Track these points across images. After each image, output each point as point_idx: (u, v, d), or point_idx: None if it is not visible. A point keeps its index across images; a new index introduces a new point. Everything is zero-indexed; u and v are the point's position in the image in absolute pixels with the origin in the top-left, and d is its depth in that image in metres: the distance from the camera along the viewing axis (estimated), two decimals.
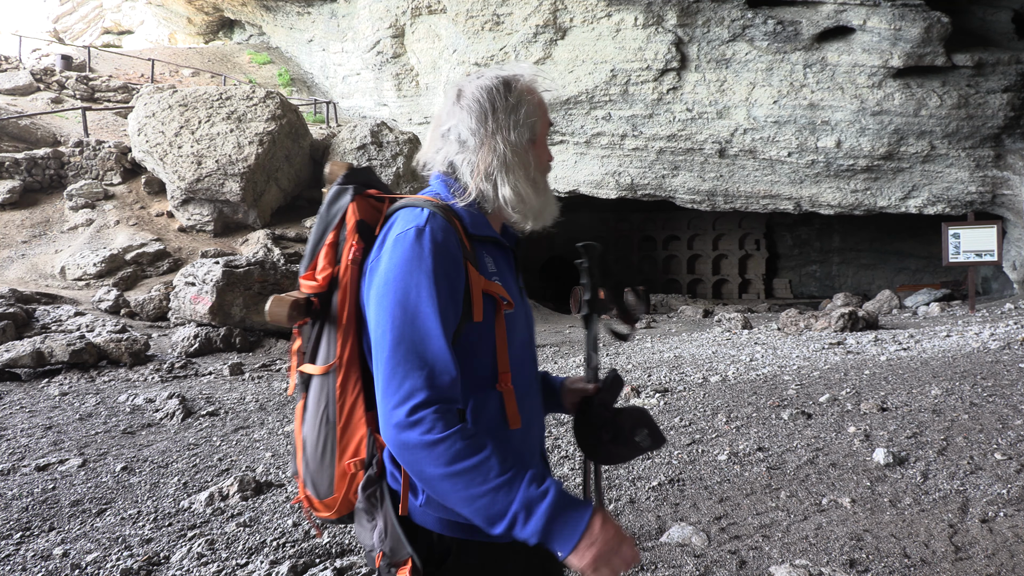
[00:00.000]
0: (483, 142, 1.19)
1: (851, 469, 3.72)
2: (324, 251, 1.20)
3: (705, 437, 4.54)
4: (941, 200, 14.43)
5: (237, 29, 27.33)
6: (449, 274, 1.10)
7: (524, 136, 1.20)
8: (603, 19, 14.23)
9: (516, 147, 1.20)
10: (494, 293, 1.14)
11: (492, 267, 1.19)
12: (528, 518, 0.99)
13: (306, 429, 1.21)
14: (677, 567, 2.74)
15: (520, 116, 1.20)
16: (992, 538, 2.80)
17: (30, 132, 14.95)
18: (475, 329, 1.13)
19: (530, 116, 1.21)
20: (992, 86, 12.80)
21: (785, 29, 13.09)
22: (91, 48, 22.34)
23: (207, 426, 5.29)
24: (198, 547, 3.01)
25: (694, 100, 14.54)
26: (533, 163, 1.23)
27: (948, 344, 7.60)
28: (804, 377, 6.28)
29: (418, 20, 17.24)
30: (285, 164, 14.79)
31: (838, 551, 2.80)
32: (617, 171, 16.12)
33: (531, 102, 1.21)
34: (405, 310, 1.07)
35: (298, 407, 1.25)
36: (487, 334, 1.14)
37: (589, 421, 1.28)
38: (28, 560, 2.94)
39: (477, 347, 1.14)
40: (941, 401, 4.94)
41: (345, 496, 1.17)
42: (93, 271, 11.52)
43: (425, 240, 1.10)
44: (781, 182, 15.35)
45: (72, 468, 4.23)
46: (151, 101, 14.39)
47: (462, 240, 1.14)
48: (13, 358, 6.90)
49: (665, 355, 8.43)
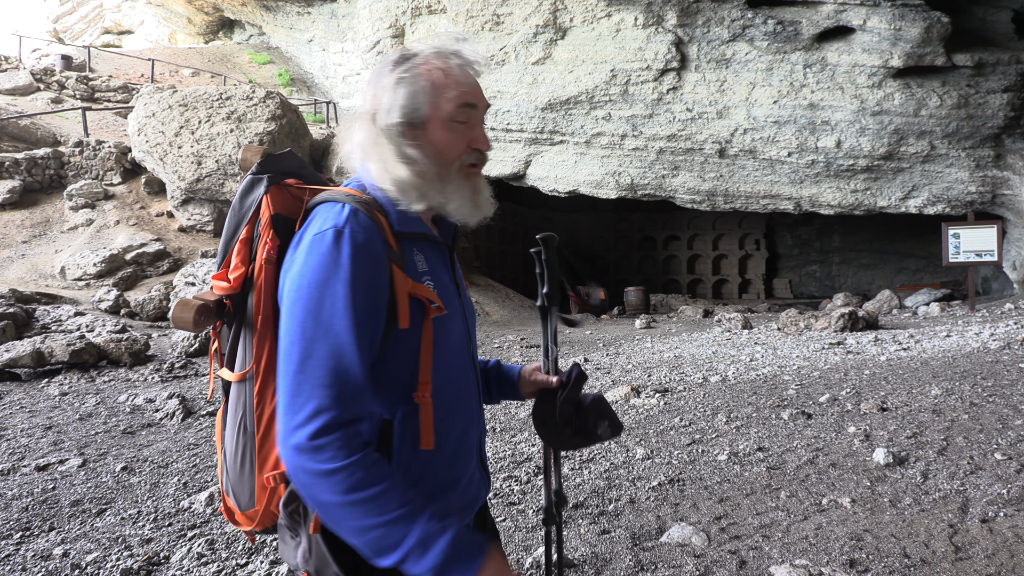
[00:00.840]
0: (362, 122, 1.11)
1: (851, 469, 3.72)
2: (237, 248, 1.10)
3: (705, 437, 4.54)
4: (941, 200, 14.43)
5: (237, 29, 27.32)
6: (371, 282, 1.00)
7: (394, 117, 1.07)
8: (603, 19, 14.23)
9: (388, 128, 1.08)
10: (422, 296, 1.05)
11: (423, 266, 1.10)
12: (424, 554, 0.93)
13: (225, 437, 1.14)
14: (677, 567, 2.74)
15: (398, 96, 1.07)
16: (992, 538, 2.80)
17: (30, 132, 14.95)
18: (400, 336, 1.04)
19: (414, 97, 1.07)
20: (992, 86, 12.80)
21: (785, 29, 13.08)
22: (91, 48, 22.34)
23: (207, 426, 5.29)
24: (198, 547, 3.01)
25: (694, 100, 14.53)
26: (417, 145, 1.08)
27: (948, 344, 7.60)
28: (804, 377, 6.28)
29: (418, 20, 17.23)
30: None
31: (838, 551, 2.80)
32: (617, 171, 16.11)
33: (420, 81, 1.07)
34: (317, 322, 0.97)
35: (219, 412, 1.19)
36: (414, 340, 1.05)
37: (551, 414, 1.28)
38: (28, 560, 2.94)
39: (402, 354, 1.05)
40: (941, 401, 4.94)
41: (266, 509, 1.09)
42: (93, 271, 11.52)
43: (344, 243, 0.99)
44: (781, 182, 15.35)
45: (72, 468, 4.23)
46: (151, 101, 14.39)
47: (387, 239, 1.04)
48: (13, 358, 6.90)
49: (665, 355, 8.43)
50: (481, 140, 1.12)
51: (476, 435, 1.21)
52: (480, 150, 1.12)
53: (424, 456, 1.07)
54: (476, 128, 1.12)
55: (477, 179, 1.14)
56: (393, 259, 1.04)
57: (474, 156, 1.12)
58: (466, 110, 1.09)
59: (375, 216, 1.05)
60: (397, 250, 1.06)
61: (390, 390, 1.06)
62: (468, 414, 1.17)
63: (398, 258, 1.05)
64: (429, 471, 1.09)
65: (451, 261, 1.21)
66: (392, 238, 1.06)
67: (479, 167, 1.14)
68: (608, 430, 1.31)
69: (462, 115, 1.09)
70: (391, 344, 1.05)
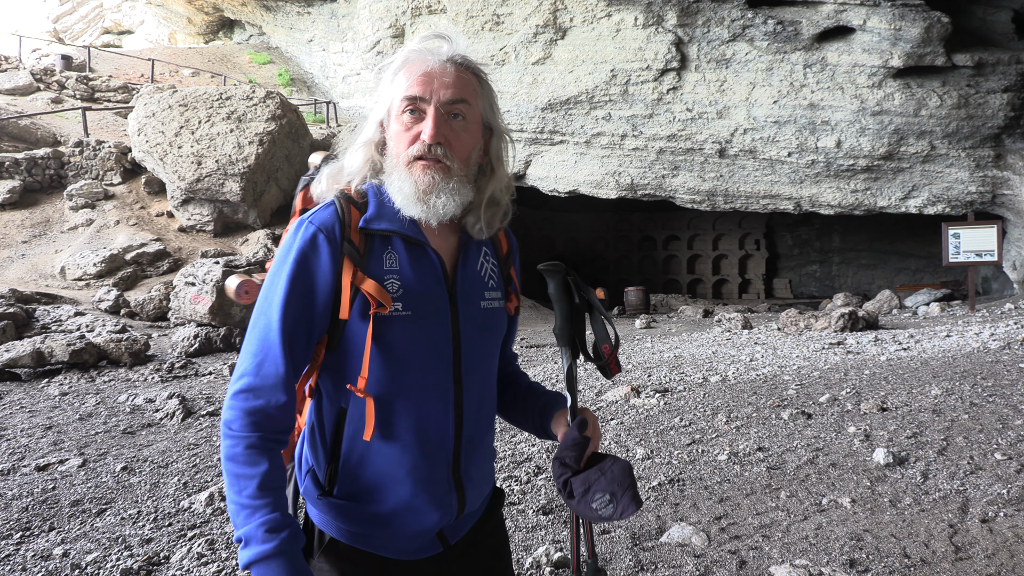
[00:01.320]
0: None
1: (851, 469, 3.72)
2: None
3: (705, 437, 4.54)
4: (941, 200, 14.43)
5: (237, 29, 27.33)
6: (309, 270, 1.07)
7: (370, 118, 1.17)
8: (603, 19, 14.23)
9: (365, 127, 1.17)
10: (366, 292, 1.07)
11: (392, 263, 1.11)
12: (244, 548, 1.00)
13: None
14: (677, 567, 2.74)
15: (374, 98, 1.17)
16: (992, 538, 2.80)
17: (30, 132, 14.95)
18: (352, 328, 1.08)
19: (381, 96, 1.15)
20: (992, 86, 12.80)
21: (785, 29, 13.09)
22: (91, 48, 22.34)
23: (207, 426, 5.29)
24: (198, 547, 3.01)
25: (694, 100, 14.54)
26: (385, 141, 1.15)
27: (948, 344, 7.60)
28: (804, 377, 6.28)
29: (418, 20, 17.23)
30: (285, 164, 14.79)
31: (838, 551, 2.80)
32: (617, 171, 16.12)
33: (385, 77, 1.15)
34: (265, 298, 1.09)
35: None
36: (363, 335, 1.08)
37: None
38: (28, 560, 2.94)
39: (354, 348, 1.09)
40: (941, 401, 4.94)
41: None
42: (93, 271, 11.52)
43: (299, 233, 1.09)
44: (781, 182, 15.35)
45: (72, 468, 4.23)
46: (151, 101, 14.39)
47: (347, 234, 1.09)
48: (13, 358, 6.90)
49: (665, 355, 8.43)
50: (425, 131, 1.09)
51: (443, 443, 1.15)
52: (424, 141, 1.09)
53: (363, 446, 1.11)
54: (426, 120, 1.10)
55: (423, 173, 1.09)
56: (348, 253, 1.08)
57: (417, 148, 1.09)
58: (414, 102, 1.10)
59: (345, 211, 1.11)
60: (359, 245, 1.10)
61: (344, 380, 1.11)
62: (429, 419, 1.13)
63: (354, 252, 1.09)
64: (368, 462, 1.12)
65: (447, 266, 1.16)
66: (355, 233, 1.10)
67: (426, 160, 1.09)
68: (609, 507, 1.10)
69: (410, 106, 1.10)
70: (345, 335, 1.09)
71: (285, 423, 1.08)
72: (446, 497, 1.16)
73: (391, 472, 1.12)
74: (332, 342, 1.10)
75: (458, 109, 1.11)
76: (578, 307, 1.23)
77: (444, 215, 1.11)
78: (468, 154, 1.14)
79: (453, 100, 1.10)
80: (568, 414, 1.22)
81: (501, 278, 1.25)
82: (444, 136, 1.10)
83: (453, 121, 1.11)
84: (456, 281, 1.17)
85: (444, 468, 1.15)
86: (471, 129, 1.14)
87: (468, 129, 1.13)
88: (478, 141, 1.17)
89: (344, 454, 1.12)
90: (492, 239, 1.26)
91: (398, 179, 1.11)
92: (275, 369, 1.05)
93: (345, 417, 1.11)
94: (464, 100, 1.11)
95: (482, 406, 1.21)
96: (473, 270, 1.19)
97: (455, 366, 1.15)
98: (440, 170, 1.09)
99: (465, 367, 1.16)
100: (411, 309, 1.10)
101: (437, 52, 1.12)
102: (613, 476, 1.11)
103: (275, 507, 1.02)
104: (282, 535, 1.00)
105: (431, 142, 1.08)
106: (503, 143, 1.22)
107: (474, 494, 1.21)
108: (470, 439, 1.18)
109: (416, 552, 1.16)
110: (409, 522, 1.13)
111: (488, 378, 1.22)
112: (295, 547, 1.02)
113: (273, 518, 1.01)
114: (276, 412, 1.06)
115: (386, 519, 1.13)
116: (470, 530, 1.24)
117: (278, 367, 1.05)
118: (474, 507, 1.23)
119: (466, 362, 1.16)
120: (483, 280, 1.21)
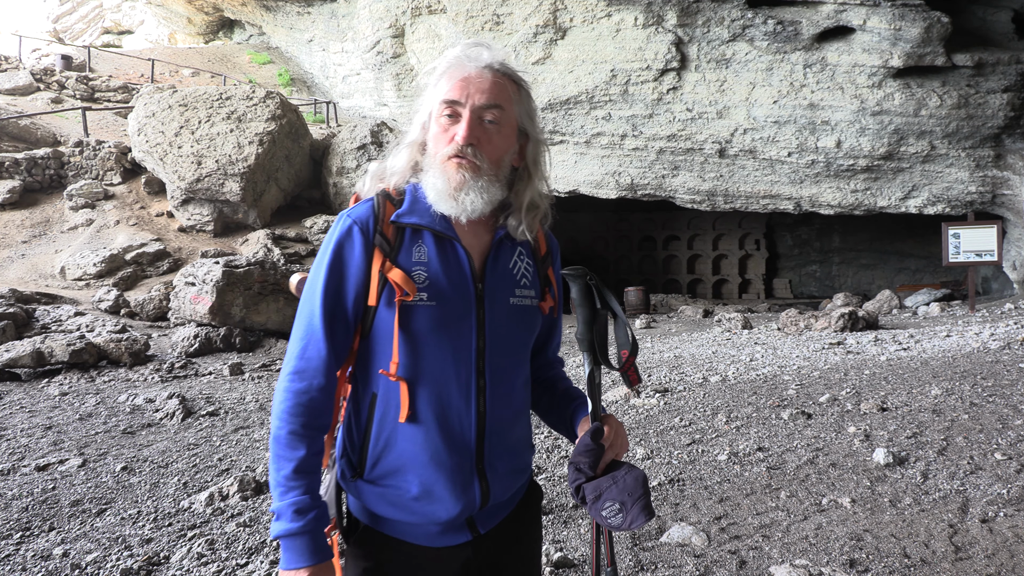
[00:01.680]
0: None
1: (851, 469, 3.72)
2: None
3: (705, 437, 4.54)
4: (941, 200, 14.42)
5: (237, 29, 27.33)
6: (345, 262, 1.17)
7: (415, 121, 1.25)
8: (603, 19, 14.22)
9: (411, 129, 1.26)
10: (392, 280, 1.14)
11: (421, 256, 1.18)
12: (275, 521, 1.11)
13: None
14: (677, 567, 2.74)
15: (419, 102, 1.26)
16: (992, 538, 2.80)
17: (30, 132, 14.95)
18: (381, 315, 1.16)
19: (425, 100, 1.24)
20: (992, 86, 12.79)
21: (785, 29, 13.08)
22: (91, 48, 22.34)
23: (207, 426, 5.29)
24: (198, 547, 3.01)
25: (694, 100, 14.53)
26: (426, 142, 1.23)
27: (948, 344, 7.60)
28: (804, 377, 6.28)
29: (418, 20, 17.23)
30: (285, 164, 14.79)
31: (838, 551, 2.79)
32: (617, 171, 16.11)
33: (431, 85, 1.23)
34: (309, 287, 1.19)
35: None
36: (391, 322, 1.16)
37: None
38: (28, 560, 2.94)
39: (383, 335, 1.17)
40: (941, 401, 4.94)
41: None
42: (93, 271, 11.52)
43: (338, 226, 1.19)
44: (781, 182, 15.35)
45: (72, 468, 4.23)
46: (151, 101, 14.39)
47: (379, 227, 1.18)
48: (13, 358, 6.90)
49: (665, 355, 8.43)
50: (459, 133, 1.16)
51: (464, 433, 1.19)
52: (457, 142, 1.16)
53: (390, 430, 1.18)
54: (460, 123, 1.17)
55: (456, 171, 1.16)
56: (379, 244, 1.17)
57: (451, 148, 1.17)
58: (452, 106, 1.17)
59: (380, 206, 1.20)
60: (390, 237, 1.18)
61: (376, 366, 1.19)
62: (450, 407, 1.18)
63: (385, 244, 1.17)
64: (394, 445, 1.18)
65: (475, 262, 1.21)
66: (388, 226, 1.18)
67: (458, 159, 1.16)
68: (618, 516, 1.11)
69: (448, 109, 1.18)
70: (375, 323, 1.18)
71: (327, 406, 1.17)
72: (469, 486, 1.19)
73: (416, 456, 1.18)
74: (364, 329, 1.19)
75: (492, 114, 1.18)
76: (600, 312, 1.24)
77: (473, 212, 1.17)
78: (500, 156, 1.21)
79: (487, 105, 1.17)
80: (589, 421, 1.24)
81: (536, 277, 1.29)
82: (476, 138, 1.17)
83: (487, 125, 1.18)
84: (485, 277, 1.22)
85: (467, 458, 1.19)
86: (504, 133, 1.20)
87: (501, 133, 1.20)
88: (512, 145, 1.23)
89: (373, 437, 1.19)
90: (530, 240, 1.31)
91: (433, 176, 1.18)
92: (318, 352, 1.15)
93: (376, 402, 1.19)
94: (498, 105, 1.18)
95: (510, 400, 1.24)
96: (505, 267, 1.24)
97: (479, 358, 1.19)
98: (471, 168, 1.16)
99: (490, 360, 1.20)
100: (436, 300, 1.16)
101: (477, 59, 1.19)
102: (625, 485, 1.13)
103: (306, 490, 1.12)
104: (308, 516, 1.11)
105: (464, 143, 1.16)
106: (539, 149, 1.28)
107: (500, 486, 1.23)
108: (495, 431, 1.22)
109: (445, 539, 1.21)
110: (434, 508, 1.18)
111: (517, 373, 1.26)
112: (319, 528, 1.12)
113: (303, 500, 1.11)
114: (319, 394, 1.15)
115: (412, 504, 1.18)
116: (503, 521, 1.28)
117: (320, 350, 1.15)
118: (501, 499, 1.25)
119: (491, 355, 1.20)
120: (515, 278, 1.25)
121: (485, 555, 1.24)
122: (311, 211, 15.52)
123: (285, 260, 12.61)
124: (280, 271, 9.78)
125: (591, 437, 1.17)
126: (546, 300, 1.31)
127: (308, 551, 1.10)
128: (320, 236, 14.18)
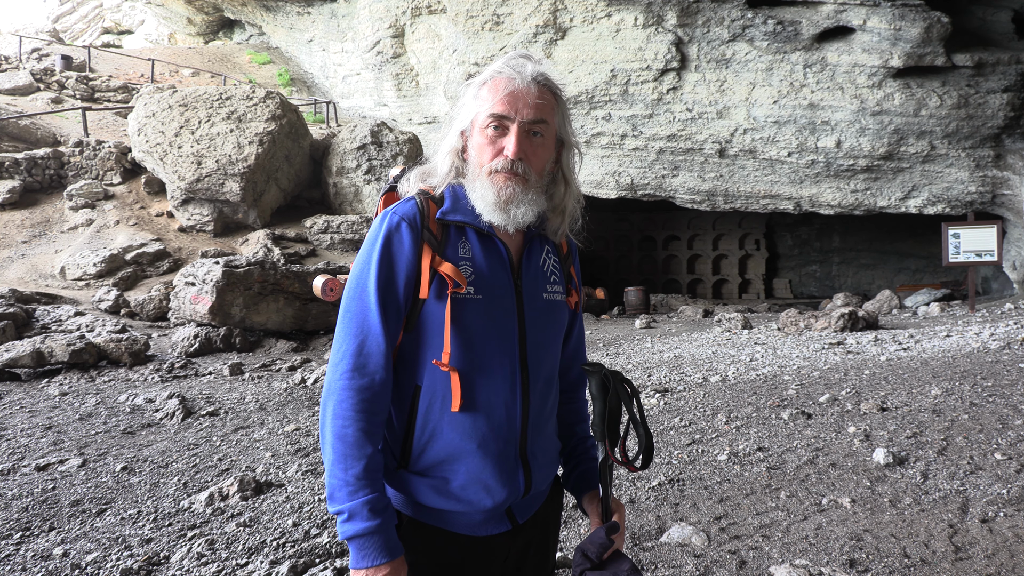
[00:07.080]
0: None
1: (851, 469, 3.72)
2: None
3: (705, 437, 4.54)
4: (941, 200, 14.43)
5: (237, 29, 27.34)
6: (395, 255, 1.19)
7: (455, 125, 1.28)
8: (603, 19, 14.23)
9: (448, 134, 1.29)
10: (444, 273, 1.18)
11: (466, 252, 1.22)
12: (345, 523, 1.12)
13: None
14: (677, 567, 2.74)
15: (458, 107, 1.28)
16: (992, 538, 2.80)
17: (30, 132, 14.95)
18: (430, 308, 1.19)
19: (466, 107, 1.26)
20: (992, 86, 12.80)
21: (785, 29, 13.09)
22: (91, 48, 22.34)
23: (207, 426, 5.29)
24: (198, 547, 3.01)
25: (694, 100, 14.54)
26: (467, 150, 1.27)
27: (948, 344, 7.60)
28: (804, 377, 6.28)
29: (418, 20, 17.24)
30: (285, 164, 14.79)
31: (838, 551, 2.79)
32: (617, 171, 16.12)
33: (470, 93, 1.26)
34: (356, 283, 1.20)
35: None
36: (440, 314, 1.18)
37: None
38: (28, 560, 2.94)
39: (432, 327, 1.19)
40: (941, 401, 4.94)
41: None
42: (93, 271, 11.52)
43: (384, 223, 1.21)
44: (781, 182, 15.35)
45: (72, 468, 4.23)
46: (151, 101, 14.40)
47: (426, 223, 1.21)
48: (13, 358, 6.90)
49: (665, 355, 8.43)
50: (508, 147, 1.20)
51: (511, 422, 1.23)
52: (507, 157, 1.20)
53: (436, 421, 1.21)
54: (509, 137, 1.21)
55: (505, 185, 1.20)
56: (427, 240, 1.20)
57: (501, 162, 1.20)
58: (499, 119, 1.21)
59: (424, 205, 1.24)
60: (436, 233, 1.22)
61: (425, 357, 1.21)
62: (497, 397, 1.22)
63: (433, 239, 1.21)
64: (440, 435, 1.21)
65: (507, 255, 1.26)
66: (433, 223, 1.22)
67: (508, 173, 1.20)
68: None
69: (495, 123, 1.21)
70: (423, 315, 1.20)
71: (387, 401, 1.19)
72: (513, 474, 1.24)
73: (463, 445, 1.20)
74: (410, 323, 1.21)
75: (538, 128, 1.22)
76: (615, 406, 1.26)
77: (523, 223, 1.24)
78: (543, 167, 1.26)
79: (535, 120, 1.21)
80: (600, 506, 1.31)
81: (562, 274, 1.37)
82: (525, 153, 1.21)
83: (533, 139, 1.23)
84: (521, 272, 1.28)
85: (512, 445, 1.24)
86: (547, 144, 1.26)
87: (544, 145, 1.25)
88: (551, 153, 1.28)
89: (419, 428, 1.21)
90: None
91: (480, 187, 1.22)
92: (377, 346, 1.17)
93: (420, 393, 1.21)
94: (544, 120, 1.23)
95: (547, 391, 1.30)
96: (536, 264, 1.31)
97: (521, 350, 1.25)
98: (520, 182, 1.21)
99: (530, 352, 1.26)
100: (482, 293, 1.21)
101: (522, 72, 1.22)
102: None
103: (378, 487, 1.15)
104: (384, 514, 1.13)
105: (514, 158, 1.20)
106: (573, 155, 1.33)
107: (540, 475, 1.29)
108: (535, 421, 1.27)
109: (487, 528, 1.25)
110: (481, 497, 1.21)
111: (551, 366, 1.32)
112: (392, 524, 1.15)
113: (376, 498, 1.13)
114: (381, 389, 1.16)
115: (458, 493, 1.21)
116: (538, 510, 1.33)
117: (380, 344, 1.17)
118: (541, 487, 1.31)
119: (531, 347, 1.26)
120: (545, 274, 1.32)
121: (520, 544, 1.29)
122: (311, 211, 15.51)
123: (285, 260, 12.61)
124: (280, 271, 9.77)
125: (606, 533, 1.23)
126: (572, 296, 1.38)
127: (386, 548, 1.12)
128: (320, 236, 14.18)
